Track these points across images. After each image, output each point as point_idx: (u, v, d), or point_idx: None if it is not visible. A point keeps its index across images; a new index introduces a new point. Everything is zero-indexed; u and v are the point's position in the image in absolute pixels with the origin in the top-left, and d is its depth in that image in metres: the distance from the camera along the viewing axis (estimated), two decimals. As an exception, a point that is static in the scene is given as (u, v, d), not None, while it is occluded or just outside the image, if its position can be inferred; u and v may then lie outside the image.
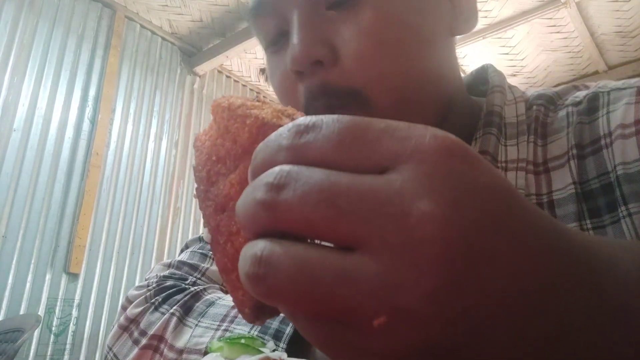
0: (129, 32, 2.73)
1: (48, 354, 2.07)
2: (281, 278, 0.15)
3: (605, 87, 0.39)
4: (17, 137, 2.13)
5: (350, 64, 0.35)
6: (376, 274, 0.14)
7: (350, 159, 0.16)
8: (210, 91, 3.17)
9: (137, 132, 2.64)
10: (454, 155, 0.15)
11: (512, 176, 0.38)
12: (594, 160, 0.36)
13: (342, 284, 0.14)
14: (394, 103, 0.36)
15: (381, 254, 0.14)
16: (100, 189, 2.38)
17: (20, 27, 2.25)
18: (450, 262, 0.14)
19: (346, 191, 0.15)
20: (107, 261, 2.36)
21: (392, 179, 0.15)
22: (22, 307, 2.02)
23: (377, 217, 0.14)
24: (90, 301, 2.27)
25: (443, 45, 0.40)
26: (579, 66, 3.36)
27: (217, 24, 2.84)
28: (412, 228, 0.14)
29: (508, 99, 0.43)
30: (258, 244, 0.16)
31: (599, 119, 0.37)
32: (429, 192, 0.14)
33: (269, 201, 0.16)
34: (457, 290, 0.14)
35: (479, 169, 0.16)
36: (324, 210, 0.15)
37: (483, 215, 0.15)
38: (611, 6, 2.72)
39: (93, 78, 2.48)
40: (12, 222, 2.05)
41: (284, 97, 0.41)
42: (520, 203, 0.16)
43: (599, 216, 0.36)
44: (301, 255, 0.15)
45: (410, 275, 0.14)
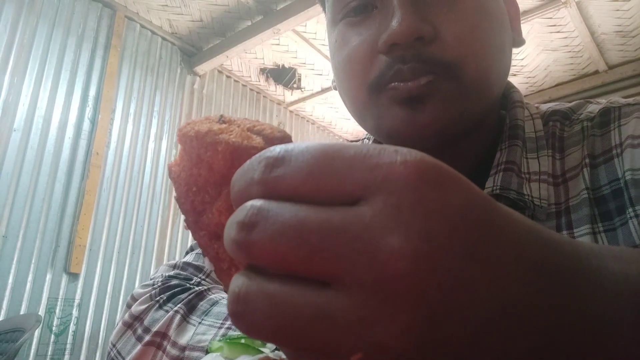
0: (129, 32, 2.73)
1: (48, 353, 2.08)
2: (258, 315, 0.15)
3: (616, 103, 0.42)
4: (17, 137, 2.13)
5: (449, 41, 0.39)
6: (351, 309, 0.14)
7: (321, 190, 0.16)
8: (211, 91, 3.17)
9: (138, 132, 2.64)
10: (424, 180, 0.15)
11: (536, 187, 0.41)
12: (605, 168, 0.39)
13: (318, 320, 0.14)
14: (479, 79, 0.40)
15: (355, 290, 0.14)
16: (101, 189, 2.38)
17: (20, 28, 2.25)
18: (424, 296, 0.14)
19: (317, 228, 0.15)
20: (108, 261, 2.36)
21: (362, 212, 0.15)
22: (22, 307, 2.02)
23: (348, 253, 0.14)
24: (91, 301, 2.27)
25: (509, 49, 0.45)
26: (579, 66, 3.36)
27: (217, 24, 2.84)
28: (382, 264, 0.14)
29: (525, 115, 0.45)
30: (238, 279, 0.16)
31: (611, 132, 0.40)
32: (398, 225, 0.14)
33: (241, 241, 0.16)
34: (433, 323, 0.14)
35: (453, 190, 0.15)
36: (295, 248, 0.15)
37: (455, 242, 0.14)
38: (611, 6, 2.72)
39: (93, 78, 2.49)
40: (13, 222, 2.05)
41: (354, 64, 0.43)
42: (497, 221, 0.16)
43: (610, 219, 0.38)
44: (276, 293, 0.15)
45: (385, 311, 0.14)
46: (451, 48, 0.39)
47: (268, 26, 2.67)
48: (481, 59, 0.40)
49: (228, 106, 3.27)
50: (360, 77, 0.43)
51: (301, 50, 3.02)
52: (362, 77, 0.42)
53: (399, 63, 0.40)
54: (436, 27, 0.39)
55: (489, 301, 0.15)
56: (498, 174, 0.42)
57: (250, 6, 2.68)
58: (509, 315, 0.15)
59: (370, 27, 0.42)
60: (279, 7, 2.68)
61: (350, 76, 0.44)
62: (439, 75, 0.39)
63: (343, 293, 0.14)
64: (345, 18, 0.45)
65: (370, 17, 0.43)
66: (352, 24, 0.44)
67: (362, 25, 0.43)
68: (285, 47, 3.03)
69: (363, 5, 0.43)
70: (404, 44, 0.39)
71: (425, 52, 0.39)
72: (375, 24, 0.42)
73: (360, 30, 0.43)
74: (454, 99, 0.40)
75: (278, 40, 2.93)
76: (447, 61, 0.39)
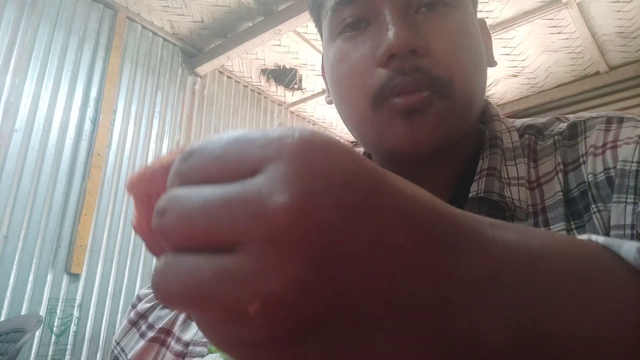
0: (130, 33, 2.74)
1: (49, 354, 2.08)
2: (170, 285, 0.17)
3: (582, 117, 0.48)
4: (18, 138, 2.13)
5: (438, 57, 0.43)
6: (248, 265, 0.15)
7: (225, 171, 0.17)
8: (212, 92, 3.18)
9: (139, 132, 2.64)
10: (312, 150, 0.17)
11: (515, 190, 0.45)
12: (574, 174, 0.45)
13: (220, 280, 0.16)
14: (466, 96, 0.45)
15: (251, 248, 0.16)
16: (102, 190, 2.38)
17: (22, 28, 2.25)
18: (309, 246, 0.15)
19: (217, 201, 0.16)
20: (109, 261, 2.36)
21: (256, 181, 0.16)
22: (23, 308, 2.02)
23: (244, 218, 0.16)
24: (92, 301, 2.27)
25: (486, 68, 0.50)
26: (580, 67, 3.36)
27: (218, 25, 2.85)
28: (270, 220, 0.15)
29: (503, 128, 0.50)
30: (161, 259, 0.18)
31: (579, 143, 0.46)
32: (285, 186, 0.16)
33: (156, 225, 0.18)
34: (319, 271, 0.15)
35: (339, 158, 0.17)
36: (199, 223, 0.16)
37: (339, 197, 0.16)
38: (612, 7, 2.72)
39: (94, 79, 2.49)
40: (14, 223, 2.05)
41: (355, 77, 0.46)
42: (382, 184, 0.17)
43: (580, 217, 0.43)
44: (185, 263, 0.17)
45: (275, 262, 0.15)
46: (441, 63, 0.43)
47: (269, 27, 2.67)
48: (467, 76, 0.45)
49: (229, 107, 3.27)
50: (362, 90, 0.45)
51: (302, 51, 3.02)
52: (364, 89, 0.45)
53: (399, 75, 0.43)
54: (428, 43, 0.43)
55: (371, 249, 0.16)
56: (481, 179, 0.46)
57: (251, 7, 2.68)
58: (391, 262, 0.16)
59: (366, 41, 0.45)
60: (280, 8, 2.68)
61: (351, 89, 0.46)
62: (434, 92, 0.43)
63: (241, 253, 0.16)
64: (343, 34, 0.47)
65: (365, 32, 0.46)
66: (349, 38, 0.47)
67: (359, 40, 0.46)
68: (286, 48, 3.03)
69: (358, 21, 0.46)
70: (400, 55, 0.42)
71: (420, 64, 0.42)
72: (372, 38, 0.45)
73: (357, 45, 0.46)
74: (447, 116, 0.44)
75: (279, 41, 2.93)
76: (440, 77, 0.43)
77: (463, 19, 0.46)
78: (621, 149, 0.41)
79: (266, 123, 3.55)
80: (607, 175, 0.41)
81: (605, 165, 0.42)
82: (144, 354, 0.48)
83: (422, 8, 0.45)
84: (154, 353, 0.48)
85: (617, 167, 0.40)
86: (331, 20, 0.48)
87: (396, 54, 0.42)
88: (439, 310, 0.17)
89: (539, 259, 0.20)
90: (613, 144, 0.42)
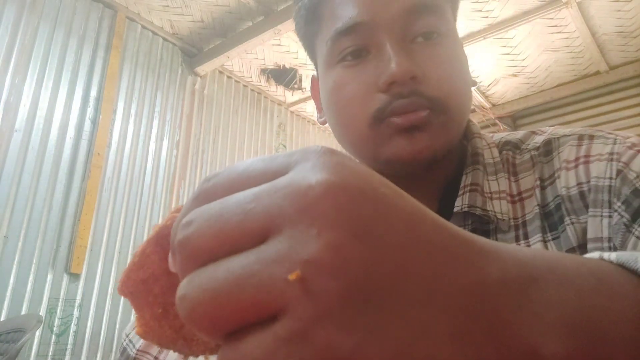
0: (130, 33, 2.74)
1: (49, 354, 2.08)
2: (202, 299, 0.16)
3: (556, 134, 0.51)
4: (18, 138, 2.13)
5: (433, 82, 0.47)
6: (283, 244, 0.16)
7: (252, 178, 0.18)
8: (211, 92, 3.18)
9: (139, 132, 2.64)
10: (334, 153, 0.18)
11: (497, 203, 0.49)
12: (551, 189, 0.48)
13: (253, 272, 0.15)
14: (459, 112, 0.49)
15: (284, 228, 0.16)
16: (102, 189, 2.39)
17: (22, 28, 2.25)
18: (343, 214, 0.16)
19: (249, 195, 0.17)
20: (109, 261, 2.36)
21: (287, 175, 0.17)
22: (23, 308, 2.02)
23: (276, 201, 0.16)
24: (92, 301, 2.27)
25: (471, 89, 0.53)
26: (580, 66, 3.36)
27: (218, 25, 2.85)
28: (302, 196, 0.16)
29: (483, 145, 0.54)
30: (181, 285, 0.17)
31: (554, 159, 0.49)
32: (316, 171, 0.17)
33: (181, 238, 0.17)
34: (355, 237, 0.16)
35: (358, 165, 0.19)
36: (229, 219, 0.17)
37: (366, 179, 0.17)
38: (612, 6, 2.72)
39: (94, 79, 2.49)
40: (14, 223, 2.05)
41: (355, 101, 0.49)
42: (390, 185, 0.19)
43: (556, 229, 0.46)
44: (213, 272, 0.16)
45: (311, 232, 0.15)
46: (437, 87, 0.47)
47: (269, 27, 2.67)
48: (459, 96, 0.49)
49: (229, 107, 3.27)
50: (361, 112, 0.48)
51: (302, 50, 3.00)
52: (363, 111, 0.48)
53: (399, 98, 0.46)
54: (424, 70, 0.47)
55: (405, 219, 0.17)
56: (465, 194, 0.49)
57: (251, 7, 2.68)
58: (422, 248, 0.17)
59: (367, 69, 0.48)
60: (279, 7, 2.68)
61: (351, 111, 0.49)
62: (432, 110, 0.46)
63: (275, 238, 0.16)
64: (343, 61, 0.50)
65: (365, 61, 0.49)
66: (349, 66, 0.50)
67: (359, 68, 0.49)
68: (286, 48, 3.03)
69: (359, 50, 0.49)
70: (400, 82, 0.46)
71: (419, 89, 0.46)
72: (372, 67, 0.48)
73: (357, 73, 0.49)
74: (444, 129, 0.47)
75: (279, 41, 2.93)
76: (436, 97, 0.47)
77: (454, 47, 0.50)
78: (593, 164, 0.45)
79: (266, 123, 3.55)
80: (579, 189, 0.45)
81: (578, 179, 0.45)
82: (150, 344, 0.49)
83: (418, 38, 0.48)
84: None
85: (590, 183, 0.44)
86: (331, 49, 0.51)
87: (397, 81, 0.46)
88: (479, 308, 0.17)
89: (563, 267, 0.20)
90: (585, 159, 0.46)
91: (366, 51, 0.49)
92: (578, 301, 0.19)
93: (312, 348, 0.15)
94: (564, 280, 0.19)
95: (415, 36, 0.48)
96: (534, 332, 0.17)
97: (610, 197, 0.42)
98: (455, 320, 0.16)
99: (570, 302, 0.18)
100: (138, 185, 2.57)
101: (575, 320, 0.18)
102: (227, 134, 3.20)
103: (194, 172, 2.92)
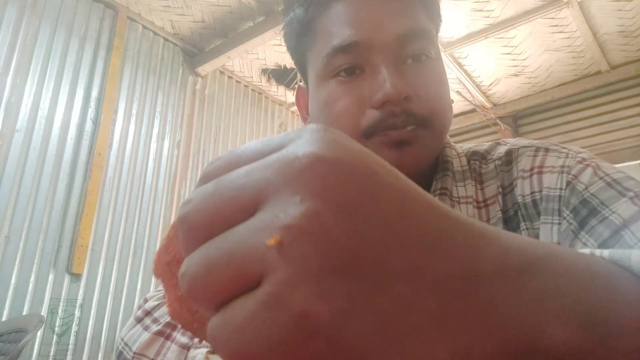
0: (131, 33, 2.74)
1: (51, 354, 2.08)
2: (201, 272, 0.17)
3: (517, 145, 0.55)
4: (19, 138, 2.14)
5: (424, 100, 0.50)
6: (270, 211, 0.16)
7: (249, 158, 0.19)
8: (212, 92, 3.18)
9: (140, 132, 2.64)
10: (330, 131, 0.19)
11: (464, 208, 0.52)
12: (510, 196, 0.52)
13: (244, 238, 0.16)
14: (442, 128, 0.52)
15: (270, 198, 0.16)
16: (103, 190, 2.39)
17: (23, 29, 2.25)
18: (326, 183, 0.16)
19: (242, 172, 0.18)
20: (110, 261, 2.36)
21: (278, 152, 0.18)
22: (25, 308, 2.02)
23: (266, 174, 0.17)
24: (93, 301, 2.27)
25: (451, 105, 0.57)
26: (582, 66, 3.36)
27: (219, 25, 2.85)
28: (288, 165, 0.17)
29: (453, 154, 0.57)
30: (183, 265, 0.18)
31: (513, 168, 0.53)
32: (306, 145, 0.17)
33: (180, 216, 0.18)
34: (338, 208, 0.16)
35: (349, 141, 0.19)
36: (224, 192, 0.17)
37: (358, 155, 0.18)
38: (614, 6, 2.72)
39: (95, 79, 2.49)
40: (15, 223, 2.05)
41: (348, 116, 0.51)
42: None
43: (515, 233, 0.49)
44: (209, 249, 0.17)
45: (294, 200, 0.16)
46: (424, 105, 0.50)
47: (270, 27, 2.67)
48: (442, 112, 0.52)
49: (230, 107, 3.27)
50: (353, 127, 0.51)
51: (303, 50, 3.02)
52: (355, 126, 0.51)
53: (391, 117, 0.49)
54: (415, 89, 0.50)
55: (395, 196, 0.17)
56: (435, 197, 0.49)
57: (252, 7, 2.68)
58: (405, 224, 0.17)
59: (360, 86, 0.51)
60: (280, 7, 2.68)
61: (343, 125, 0.52)
62: (419, 125, 0.50)
63: (262, 207, 0.16)
64: (337, 77, 0.53)
65: (359, 78, 0.52)
66: (343, 82, 0.52)
67: (353, 84, 0.52)
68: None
69: (353, 67, 0.52)
70: (395, 101, 0.49)
71: (409, 108, 0.50)
72: (367, 84, 0.51)
73: (351, 88, 0.52)
74: (429, 143, 0.51)
75: (280, 41, 2.93)
76: (423, 114, 0.50)
77: (439, 68, 0.54)
78: (545, 175, 0.49)
79: (267, 123, 3.55)
80: (532, 198, 0.49)
81: (532, 188, 0.49)
82: (147, 346, 0.49)
83: (409, 59, 0.52)
84: (158, 346, 0.49)
85: (542, 192, 0.48)
86: (326, 65, 0.53)
87: (391, 100, 0.49)
88: (472, 290, 0.17)
89: (561, 258, 0.20)
90: (539, 169, 0.50)
91: (360, 69, 0.52)
92: (577, 291, 0.19)
93: (289, 313, 0.15)
94: (563, 272, 0.19)
95: (406, 58, 0.51)
96: (535, 318, 0.17)
97: (560, 206, 0.46)
98: (444, 300, 0.16)
99: (569, 292, 0.18)
100: (139, 185, 2.57)
101: (576, 310, 0.18)
102: (228, 134, 3.20)
103: (195, 172, 2.92)
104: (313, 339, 0.14)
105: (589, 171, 0.46)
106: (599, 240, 0.41)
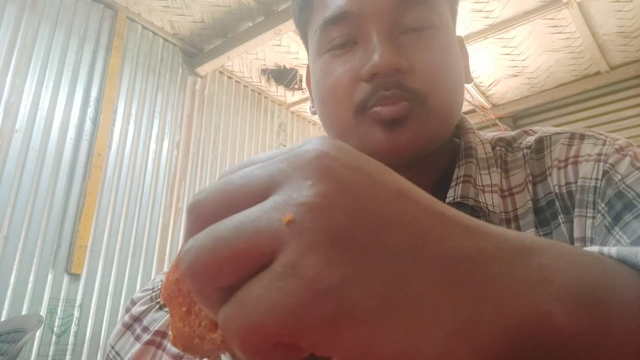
0: (131, 33, 2.74)
1: (50, 354, 2.08)
2: (206, 252, 0.17)
3: (548, 132, 0.52)
4: (19, 138, 2.13)
5: (420, 74, 0.47)
6: (281, 195, 0.17)
7: (260, 159, 0.20)
8: (212, 92, 3.18)
9: (139, 132, 2.64)
10: (334, 140, 0.20)
11: (489, 196, 0.49)
12: (542, 185, 0.49)
13: (251, 225, 0.17)
14: (441, 106, 0.48)
15: (283, 184, 0.18)
16: (102, 190, 2.39)
17: (22, 29, 2.25)
18: (335, 172, 0.18)
19: (249, 169, 0.19)
20: (109, 262, 2.36)
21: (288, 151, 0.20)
22: (24, 308, 2.02)
23: (277, 165, 0.18)
24: (92, 302, 2.27)
25: (463, 86, 0.53)
26: (581, 67, 3.36)
27: (219, 25, 2.85)
28: (301, 157, 0.18)
29: (477, 141, 0.54)
30: (184, 245, 0.18)
31: (545, 157, 0.50)
32: (314, 145, 0.19)
33: (192, 203, 0.19)
34: (345, 190, 0.17)
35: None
36: (235, 181, 0.19)
37: (360, 158, 0.19)
38: (613, 6, 2.72)
39: (95, 79, 2.49)
40: (14, 223, 2.05)
41: (340, 89, 0.49)
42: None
43: (547, 225, 0.47)
44: (216, 230, 0.17)
45: (306, 182, 0.17)
46: (421, 80, 0.47)
47: (269, 27, 2.67)
48: (445, 90, 0.48)
49: (229, 107, 3.27)
50: (346, 101, 0.48)
51: (302, 51, 3.02)
52: (347, 101, 0.48)
53: (381, 89, 0.46)
54: (411, 62, 0.47)
55: (394, 193, 0.18)
56: (458, 185, 0.49)
57: (251, 7, 2.68)
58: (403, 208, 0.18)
59: (352, 59, 0.48)
60: (280, 8, 2.68)
61: (335, 100, 0.49)
62: (413, 101, 0.46)
63: (275, 192, 0.18)
64: (330, 51, 0.50)
65: (352, 50, 0.49)
66: (336, 55, 0.50)
67: (345, 57, 0.49)
68: (286, 48, 3.03)
69: (346, 41, 0.49)
70: (383, 73, 0.46)
71: (402, 81, 0.46)
72: (358, 56, 0.48)
73: (343, 62, 0.49)
74: (426, 123, 0.47)
75: (279, 41, 2.93)
76: (418, 89, 0.46)
77: (445, 40, 0.49)
78: (581, 165, 0.46)
79: (266, 123, 3.55)
80: (568, 189, 0.46)
81: (567, 179, 0.46)
82: (139, 357, 0.48)
83: (409, 29, 0.48)
84: (150, 356, 0.48)
85: (577, 183, 0.45)
86: (320, 38, 0.51)
87: (380, 72, 0.46)
88: (474, 264, 0.17)
89: (562, 246, 0.20)
90: (574, 159, 0.47)
91: (353, 41, 0.49)
92: (580, 273, 0.19)
93: (302, 279, 0.16)
94: (565, 255, 0.20)
95: (406, 28, 0.48)
96: (536, 297, 0.17)
97: (595, 198, 0.43)
98: (447, 272, 0.17)
99: (571, 274, 0.19)
100: (138, 186, 2.57)
101: (576, 291, 0.18)
102: (227, 134, 3.20)
103: (194, 173, 2.92)
104: (322, 302, 0.15)
105: (627, 161, 0.43)
106: (632, 237, 0.38)
